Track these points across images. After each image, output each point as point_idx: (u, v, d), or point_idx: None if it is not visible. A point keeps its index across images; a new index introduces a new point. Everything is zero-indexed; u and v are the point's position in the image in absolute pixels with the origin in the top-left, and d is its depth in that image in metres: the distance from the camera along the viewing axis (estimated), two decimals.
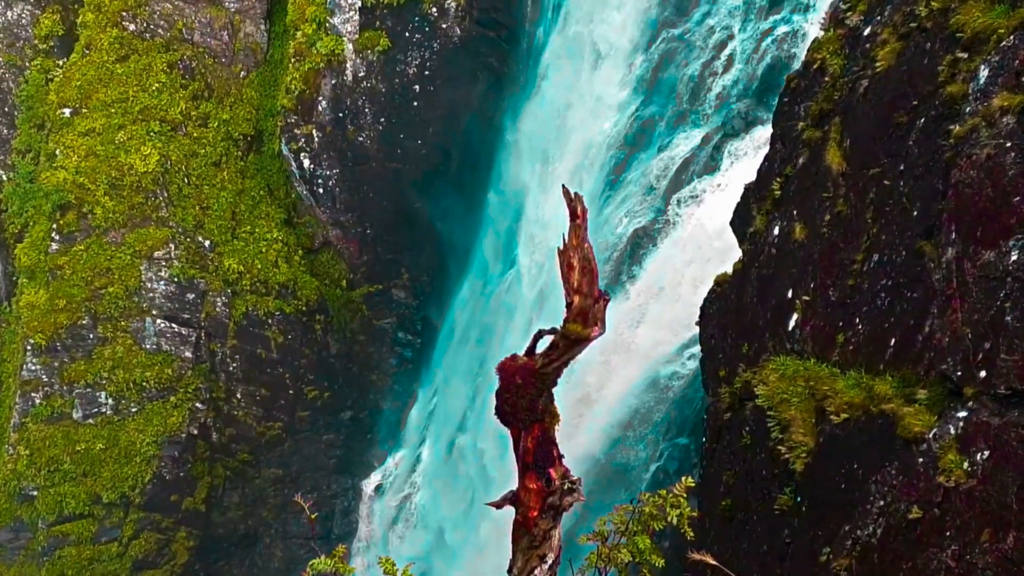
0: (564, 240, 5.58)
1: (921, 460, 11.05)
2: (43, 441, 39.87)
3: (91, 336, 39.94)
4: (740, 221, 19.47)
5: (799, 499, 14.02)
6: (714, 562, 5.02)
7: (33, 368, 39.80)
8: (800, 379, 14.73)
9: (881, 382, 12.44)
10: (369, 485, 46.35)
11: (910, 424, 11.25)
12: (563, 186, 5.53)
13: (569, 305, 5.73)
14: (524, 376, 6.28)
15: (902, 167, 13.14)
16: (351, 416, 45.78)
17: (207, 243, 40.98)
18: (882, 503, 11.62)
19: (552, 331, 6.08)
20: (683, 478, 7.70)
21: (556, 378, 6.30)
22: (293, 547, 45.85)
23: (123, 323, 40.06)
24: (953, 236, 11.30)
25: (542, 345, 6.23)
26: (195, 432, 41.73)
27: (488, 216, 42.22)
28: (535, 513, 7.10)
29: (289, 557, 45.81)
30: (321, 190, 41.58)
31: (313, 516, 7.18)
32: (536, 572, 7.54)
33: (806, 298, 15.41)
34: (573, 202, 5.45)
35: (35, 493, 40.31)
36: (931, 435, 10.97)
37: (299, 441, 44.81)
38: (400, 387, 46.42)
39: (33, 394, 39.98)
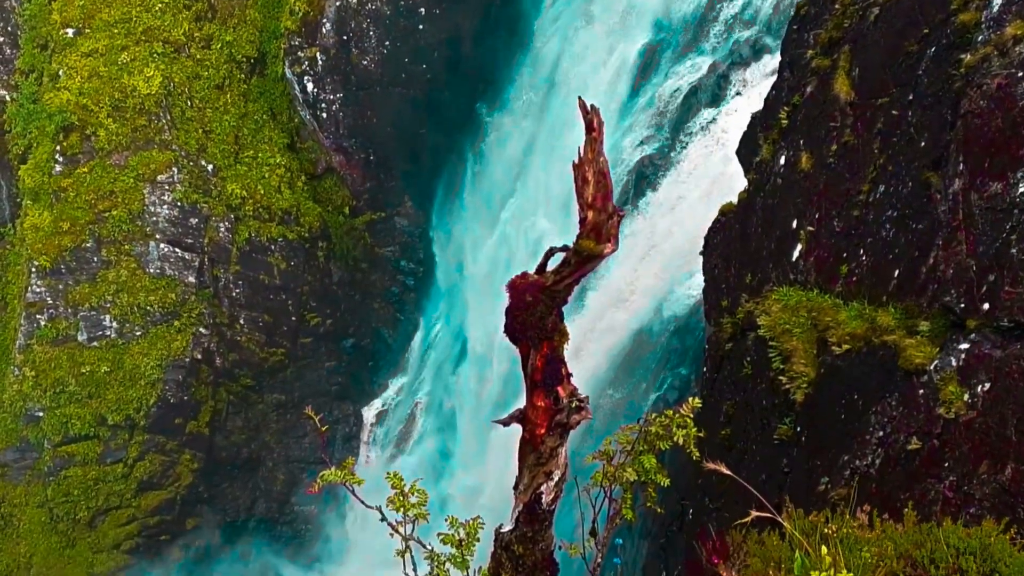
0: (579, 153, 5.53)
1: (921, 392, 11.11)
2: (48, 363, 40.10)
3: (95, 259, 39.96)
4: (746, 150, 19.33)
5: (799, 429, 14.13)
6: (727, 471, 5.07)
7: (38, 290, 39.88)
8: (802, 310, 14.75)
9: (884, 313, 12.46)
10: (370, 412, 46.65)
11: (911, 356, 11.29)
12: (579, 98, 5.45)
13: (582, 220, 5.68)
14: (534, 293, 6.26)
15: (911, 97, 13.02)
16: (353, 343, 45.93)
17: (210, 167, 40.79)
18: (881, 434, 11.71)
19: (564, 248, 6.03)
20: (690, 399, 7.73)
21: (567, 296, 6.28)
22: (295, 470, 46.29)
23: (127, 247, 40.06)
24: (960, 167, 11.24)
25: (553, 262, 6.21)
26: (199, 357, 41.92)
27: (495, 142, 41.90)
28: (542, 431, 7.13)
29: (291, 480, 46.29)
30: (324, 115, 41.27)
31: (324, 428, 7.20)
32: (542, 489, 7.59)
33: (810, 228, 15.37)
34: (589, 114, 5.39)
35: (41, 414, 40.65)
36: (932, 367, 11.01)
37: (301, 367, 45.02)
38: (402, 315, 46.50)
39: (38, 316, 40.12)
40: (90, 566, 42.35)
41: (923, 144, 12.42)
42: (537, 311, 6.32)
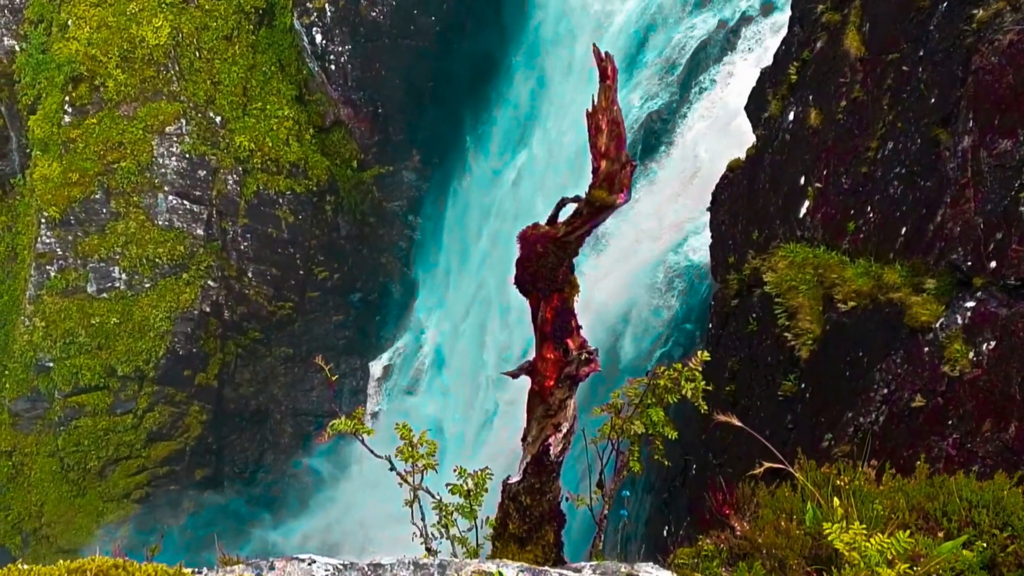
0: (593, 101, 5.48)
1: (927, 349, 11.11)
2: (58, 313, 40.28)
3: (104, 211, 39.99)
4: (755, 106, 19.18)
5: (803, 386, 14.16)
6: (739, 423, 5.08)
7: (47, 241, 39.96)
8: (809, 266, 14.74)
9: (890, 271, 12.43)
10: (377, 366, 46.82)
11: (917, 313, 11.28)
12: (593, 45, 5.39)
13: (595, 170, 5.64)
14: (545, 244, 6.24)
15: (921, 53, 12.88)
16: (360, 298, 46.01)
17: (218, 119, 40.66)
18: (886, 391, 11.73)
19: (576, 199, 6.00)
20: (699, 352, 7.76)
21: (578, 247, 6.26)
22: (302, 423, 46.60)
23: (135, 198, 40.08)
24: (970, 124, 11.15)
25: (565, 213, 6.19)
26: (207, 309, 42.06)
27: (505, 96, 41.62)
28: (551, 382, 7.14)
29: (298, 433, 46.61)
30: (333, 67, 41.04)
31: (334, 378, 7.22)
32: (550, 440, 7.62)
33: (818, 185, 15.30)
34: (603, 62, 5.33)
35: (51, 364, 40.90)
36: (938, 324, 11.00)
37: (309, 321, 45.15)
38: (409, 270, 46.54)
39: (48, 267, 40.23)
40: (100, 515, 42.83)
41: (933, 100, 12.32)
42: (548, 262, 6.31)
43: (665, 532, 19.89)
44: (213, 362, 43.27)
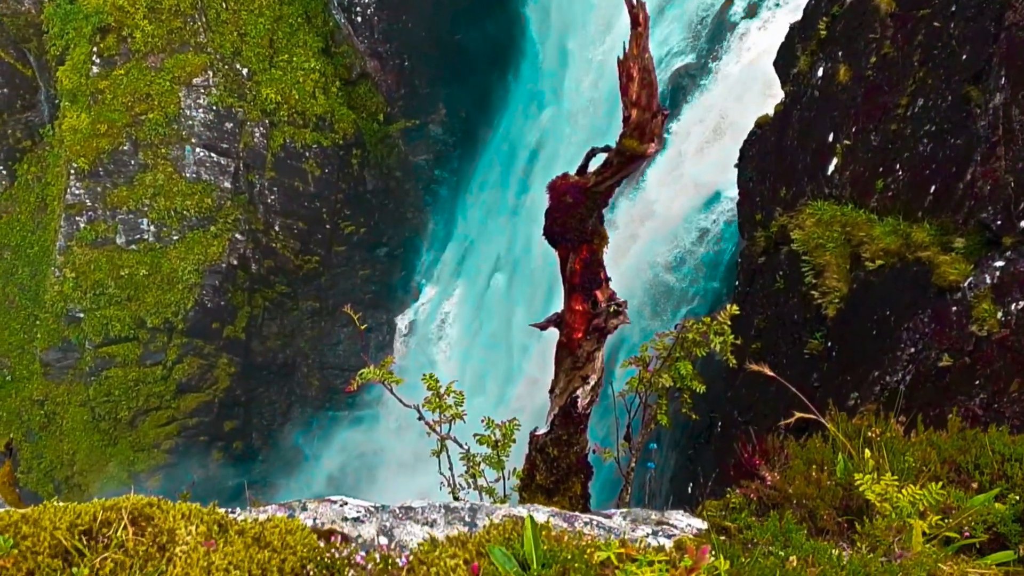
0: (624, 49, 5.39)
1: (954, 309, 11.03)
2: (88, 265, 40.59)
3: (132, 162, 40.14)
4: (784, 61, 18.95)
5: (829, 344, 14.12)
6: (770, 372, 5.06)
7: (77, 192, 40.19)
8: (837, 224, 14.63)
9: (918, 229, 12.32)
10: (403, 320, 46.97)
11: (945, 272, 11.19)
12: None
13: (626, 119, 5.57)
14: (575, 195, 6.19)
15: (953, 8, 12.66)
16: (387, 252, 46.08)
17: (245, 71, 40.58)
18: (912, 351, 11.67)
19: (606, 149, 5.93)
20: (728, 305, 7.70)
21: (608, 197, 6.20)
22: (329, 376, 46.88)
23: (163, 150, 40.18)
24: (1002, 81, 10.98)
25: (595, 164, 6.14)
26: (235, 263, 42.26)
27: (532, 48, 41.26)
28: (579, 334, 7.12)
29: (325, 387, 46.93)
30: (359, 18, 40.80)
31: (363, 327, 7.19)
32: (578, 392, 7.62)
33: (847, 142, 15.15)
34: (635, 8, 5.24)
35: (81, 315, 41.29)
36: (966, 284, 10.91)
37: (336, 275, 45.29)
38: (436, 225, 46.52)
39: (77, 218, 40.48)
40: (131, 464, 43.41)
41: (964, 57, 12.12)
42: (577, 213, 6.26)
43: (690, 488, 19.97)
44: (241, 315, 43.52)
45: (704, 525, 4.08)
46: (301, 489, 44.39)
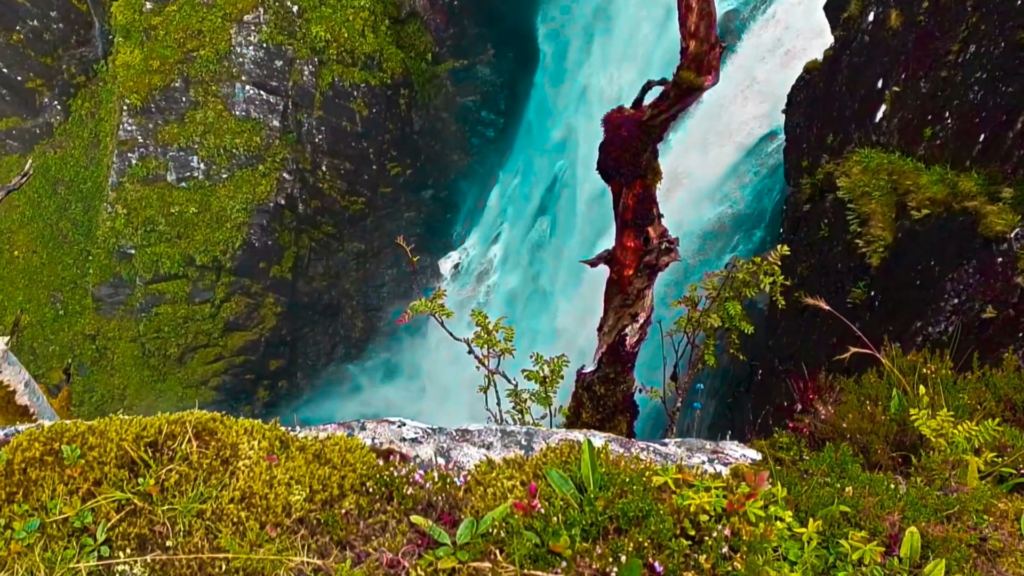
0: None
1: (1000, 260, 10.87)
2: (139, 201, 41.05)
3: (183, 99, 40.36)
4: (834, 6, 18.61)
5: (872, 294, 14.01)
6: (827, 307, 5.02)
7: (129, 128, 40.52)
8: (883, 172, 14.46)
9: (966, 179, 12.13)
10: (447, 264, 47.10)
11: (992, 223, 11.01)
12: None
13: (683, 51, 5.49)
14: (630, 129, 6.13)
15: None
16: (432, 195, 46.10)
17: (295, 8, 40.46)
18: (956, 301, 11.54)
19: (662, 82, 5.86)
20: (778, 246, 7.63)
21: (663, 132, 6.13)
22: (372, 318, 47.24)
23: (214, 87, 40.33)
24: None
25: (650, 97, 6.07)
26: (282, 202, 42.50)
27: None
28: (630, 272, 7.07)
29: (368, 328, 47.30)
30: None
31: (415, 259, 7.20)
32: (627, 330, 7.59)
33: (896, 89, 14.89)
34: None
35: (132, 252, 41.85)
36: (1013, 235, 10.74)
37: (381, 217, 45.42)
38: (481, 168, 46.39)
39: (129, 154, 40.86)
40: (179, 400, 44.16)
41: (1019, 2, 11.81)
42: (632, 147, 6.20)
43: (728, 436, 20.05)
44: (287, 255, 43.84)
45: (758, 456, 4.09)
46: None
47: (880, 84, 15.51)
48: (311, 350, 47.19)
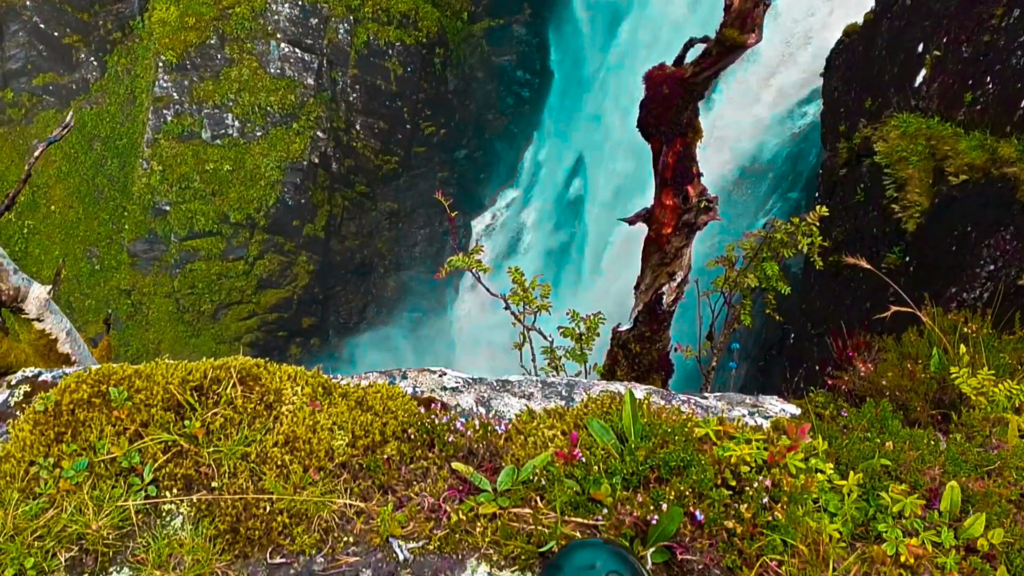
0: None
1: None
2: (174, 158, 41.25)
3: (219, 56, 40.38)
4: None
5: (907, 259, 13.91)
6: (867, 266, 5.00)
7: (165, 85, 40.66)
8: (921, 137, 14.31)
9: (1006, 144, 11.97)
10: (480, 224, 47.03)
11: None
12: None
13: (727, 8, 5.44)
14: (672, 86, 6.09)
15: None
16: (466, 155, 45.96)
17: None
18: (992, 268, 11.44)
19: (704, 39, 5.81)
20: (817, 207, 7.58)
21: (704, 90, 6.08)
22: (404, 278, 47.31)
23: (249, 45, 40.32)
24: None
25: (692, 55, 6.01)
26: (316, 161, 42.53)
27: None
28: (669, 230, 7.05)
29: (400, 287, 47.40)
30: None
31: (453, 214, 7.16)
32: (664, 289, 7.58)
33: (937, 53, 14.67)
34: None
35: (168, 208, 42.12)
36: None
37: (414, 177, 45.37)
38: (516, 128, 46.18)
39: (165, 111, 41.02)
40: (213, 356, 44.26)
41: None
42: (673, 105, 6.16)
43: None
44: (321, 213, 43.92)
45: (797, 411, 4.10)
46: None
47: (920, 48, 15.30)
48: (343, 308, 47.37)
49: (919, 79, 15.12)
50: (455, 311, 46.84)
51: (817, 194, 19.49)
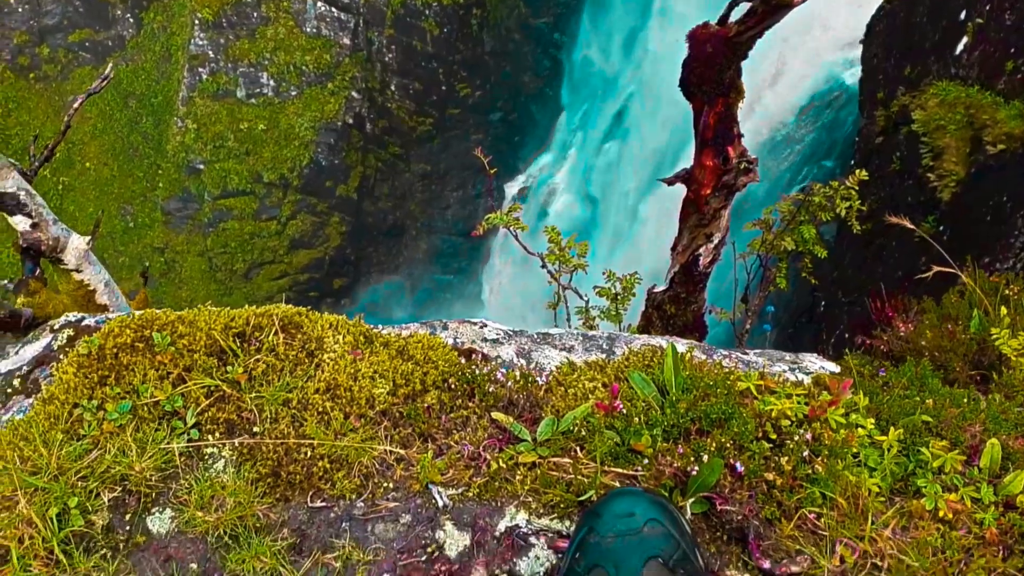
0: None
1: None
2: (209, 116, 41.38)
3: (255, 14, 40.36)
4: None
5: (941, 228, 13.81)
6: (910, 225, 4.97)
7: (200, 43, 40.72)
8: (960, 106, 14.14)
9: None
10: (513, 187, 46.92)
11: None
12: None
13: None
14: (716, 45, 6.03)
15: None
16: (501, 117, 45.78)
17: None
18: None
19: None
20: (856, 171, 7.52)
21: (748, 49, 6.01)
22: (436, 241, 47.35)
23: (285, 3, 40.27)
24: None
25: (737, 13, 5.95)
26: (350, 121, 42.52)
27: None
28: (707, 191, 7.03)
29: (432, 250, 47.46)
30: None
31: (493, 171, 7.16)
32: (701, 250, 7.57)
33: (979, 20, 14.45)
34: None
35: (201, 167, 42.31)
36: None
37: (448, 139, 45.27)
38: (551, 91, 45.92)
39: (200, 69, 41.11)
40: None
41: None
42: (716, 64, 6.11)
43: None
44: (354, 175, 43.97)
45: (837, 368, 4.09)
46: None
47: (963, 15, 15.08)
48: (375, 270, 47.52)
49: (960, 47, 14.92)
50: (486, 275, 46.90)
51: (852, 162, 19.37)
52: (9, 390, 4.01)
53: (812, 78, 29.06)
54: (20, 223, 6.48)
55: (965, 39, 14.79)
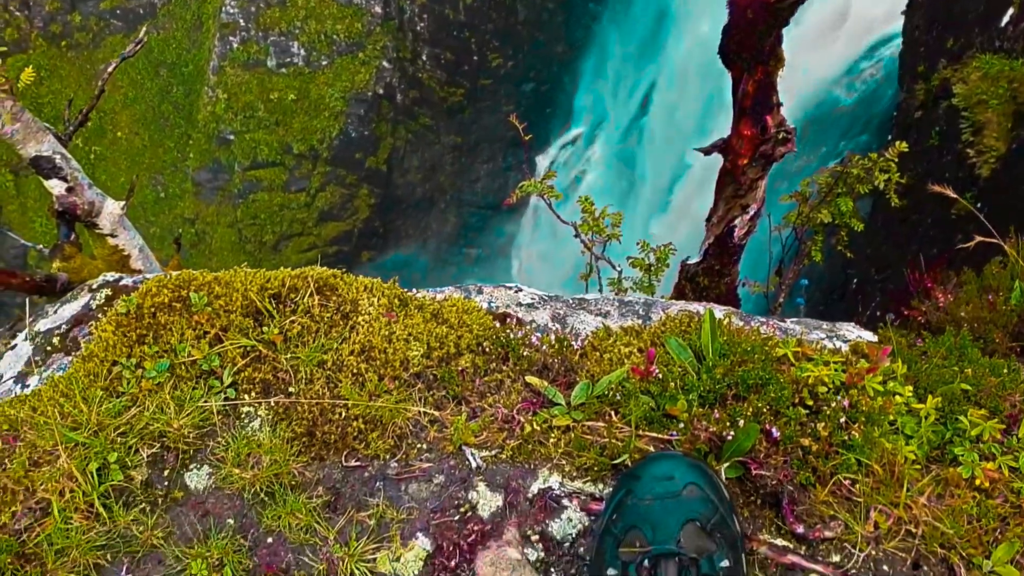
0: None
1: None
2: (239, 86, 41.39)
3: None
4: None
5: (979, 205, 13.64)
6: (953, 194, 4.91)
7: (231, 11, 40.67)
8: (1003, 80, 13.93)
9: None
10: (544, 160, 46.72)
11: None
12: None
13: None
14: (756, 10, 5.95)
15: None
16: (533, 88, 45.49)
17: None
18: None
19: None
20: (896, 143, 7.42)
21: (789, 15, 5.94)
22: (465, 214, 47.24)
23: None
24: None
25: None
26: (381, 92, 42.38)
27: None
28: (745, 161, 6.96)
29: (461, 223, 47.37)
30: None
31: (528, 138, 7.13)
32: (736, 221, 7.51)
33: None
34: None
35: (231, 137, 42.38)
36: None
37: (480, 110, 45.05)
38: (584, 62, 45.59)
39: (231, 38, 41.06)
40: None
41: None
42: (757, 31, 6.03)
43: None
44: (383, 146, 43.88)
45: (874, 338, 4.06)
46: None
47: None
48: (403, 242, 47.51)
49: (1005, 19, 14.70)
50: (515, 251, 46.84)
51: (890, 136, 19.15)
52: (48, 348, 4.06)
53: (851, 50, 28.76)
54: (56, 187, 6.52)
55: (1011, 11, 14.58)
